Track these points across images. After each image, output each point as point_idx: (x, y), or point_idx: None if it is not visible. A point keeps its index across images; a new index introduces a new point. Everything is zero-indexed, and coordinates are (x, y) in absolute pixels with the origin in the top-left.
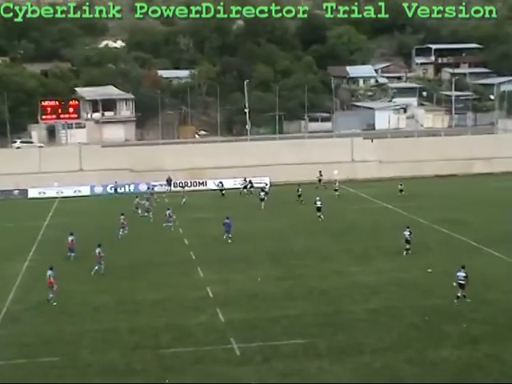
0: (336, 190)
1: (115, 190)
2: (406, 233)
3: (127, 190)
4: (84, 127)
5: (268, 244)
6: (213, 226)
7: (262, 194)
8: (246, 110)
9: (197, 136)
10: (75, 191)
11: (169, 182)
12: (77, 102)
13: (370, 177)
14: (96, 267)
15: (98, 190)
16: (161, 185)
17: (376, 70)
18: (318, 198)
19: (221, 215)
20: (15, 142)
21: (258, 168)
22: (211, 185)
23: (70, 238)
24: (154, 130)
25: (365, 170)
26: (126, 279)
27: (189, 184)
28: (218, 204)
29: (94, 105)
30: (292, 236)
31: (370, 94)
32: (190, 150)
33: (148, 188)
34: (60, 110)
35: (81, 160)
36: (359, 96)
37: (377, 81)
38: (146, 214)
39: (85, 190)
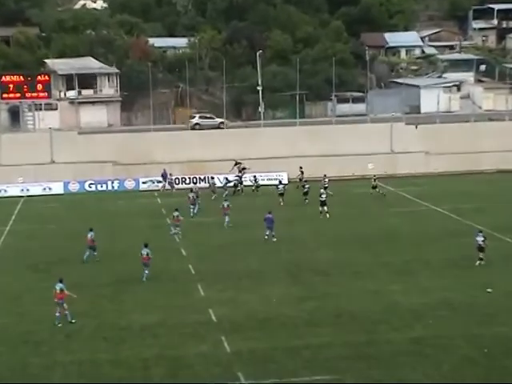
0: (375, 188)
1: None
2: (479, 238)
3: (109, 187)
4: (56, 109)
5: (285, 255)
6: (215, 232)
7: (281, 186)
8: (259, 89)
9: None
10: (45, 189)
11: (164, 177)
12: (47, 78)
13: (414, 172)
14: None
15: (74, 187)
16: (152, 181)
17: (422, 38)
18: (322, 191)
19: (223, 219)
20: None
21: (273, 161)
22: (215, 181)
23: (90, 235)
24: (143, 113)
25: (407, 163)
26: (107, 298)
27: (186, 180)
28: (219, 205)
29: (69, 81)
30: (315, 245)
31: (414, 67)
32: (188, 138)
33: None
34: (26, 88)
35: (52, 150)
36: (400, 71)
37: (423, 51)
38: None
39: (57, 188)
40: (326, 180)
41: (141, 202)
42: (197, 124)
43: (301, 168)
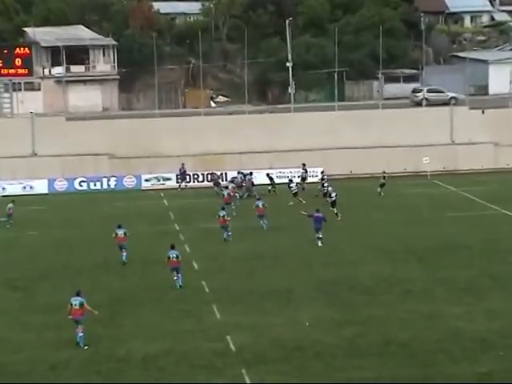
0: (382, 187)
1: None
2: None
3: (105, 186)
4: (39, 89)
5: (318, 269)
6: (233, 241)
7: (293, 185)
8: (289, 65)
9: (213, 104)
10: (25, 187)
11: (183, 174)
12: (27, 50)
13: (480, 168)
14: None
15: (61, 185)
16: (158, 179)
17: (491, 1)
18: (330, 189)
19: (241, 225)
20: None
21: (307, 153)
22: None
23: (121, 232)
24: (147, 95)
25: (472, 156)
26: (102, 322)
27: (199, 177)
28: (238, 208)
29: (55, 55)
30: (355, 257)
31: (481, 38)
32: (202, 125)
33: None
34: (1, 62)
35: (34, 140)
36: (464, 42)
37: (492, 18)
38: None
39: (40, 186)
40: (325, 177)
41: (143, 205)
42: (424, 99)
43: (304, 165)
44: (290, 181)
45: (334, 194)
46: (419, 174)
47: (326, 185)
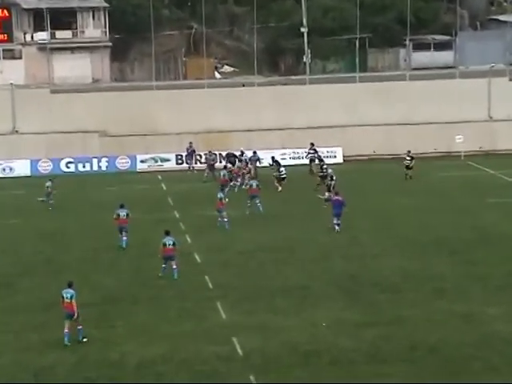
0: (409, 169)
1: None
2: None
3: (95, 167)
4: (20, 58)
5: (337, 263)
6: (241, 231)
7: (282, 168)
8: (304, 30)
9: (217, 75)
10: (4, 169)
11: (191, 154)
12: (6, 13)
13: None
14: None
15: (45, 167)
16: (155, 159)
17: None
18: (330, 171)
19: (249, 214)
20: None
21: (324, 132)
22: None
23: (123, 213)
24: (142, 65)
25: None
26: (92, 323)
27: (202, 158)
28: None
29: (38, 18)
30: (378, 249)
31: None
32: (205, 99)
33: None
34: None
35: (14, 115)
36: (504, 4)
37: None
38: None
39: (21, 168)
40: (312, 152)
41: (139, 189)
42: None
43: (312, 145)
44: (276, 161)
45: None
46: (452, 155)
47: (324, 167)
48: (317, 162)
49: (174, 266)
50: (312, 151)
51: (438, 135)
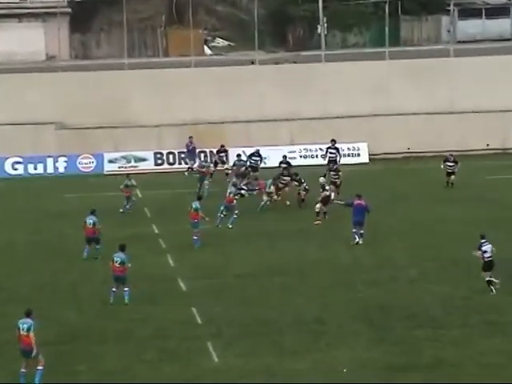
0: (450, 175)
1: None
2: None
3: (50, 169)
4: None
5: (361, 289)
6: (233, 249)
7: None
8: None
9: (208, 50)
10: None
11: (191, 152)
12: None
13: None
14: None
15: None
16: (127, 159)
17: None
18: (321, 180)
19: (248, 228)
20: None
21: (344, 123)
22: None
23: (90, 221)
24: (111, 37)
25: None
26: (48, 368)
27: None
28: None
29: None
30: (415, 272)
31: None
32: (192, 81)
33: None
34: None
35: None
36: None
37: None
38: None
39: None
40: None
41: (107, 197)
42: None
43: (334, 142)
44: (285, 159)
45: (327, 188)
46: (508, 153)
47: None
48: (338, 162)
49: (126, 289)
50: (333, 150)
51: (491, 127)
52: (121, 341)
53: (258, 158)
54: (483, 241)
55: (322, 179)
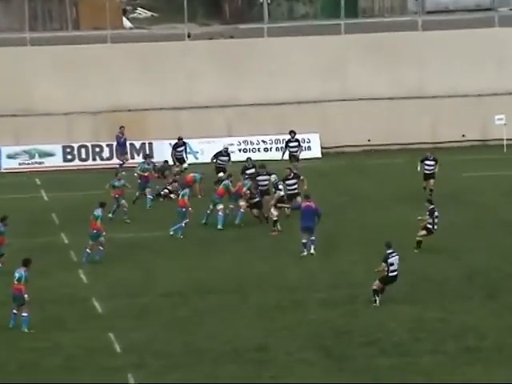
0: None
1: None
2: None
3: None
4: None
5: (312, 310)
6: (160, 262)
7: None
8: None
9: (127, 23)
10: None
11: (122, 145)
12: None
13: None
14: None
15: None
16: (30, 154)
17: None
18: (274, 179)
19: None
20: None
21: (291, 110)
22: (164, 153)
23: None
24: (9, 7)
25: None
26: None
27: (104, 150)
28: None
29: None
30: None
31: None
32: (108, 59)
33: None
34: None
35: None
36: None
37: None
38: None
39: None
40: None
41: (5, 200)
42: None
43: (293, 134)
44: (226, 151)
45: (280, 188)
46: (489, 145)
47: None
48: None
49: (24, 314)
50: (294, 143)
51: (467, 115)
52: (24, 375)
53: (225, 158)
54: (390, 251)
55: (273, 177)
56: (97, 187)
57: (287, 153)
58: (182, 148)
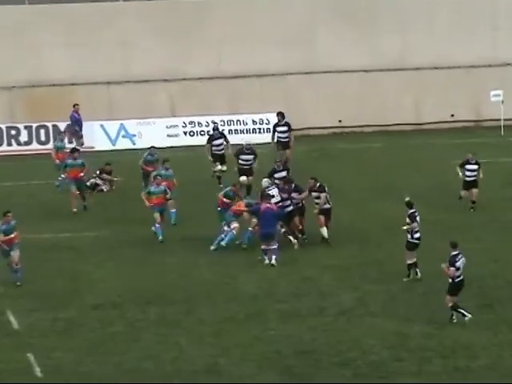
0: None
1: None
2: None
3: None
4: None
5: (271, 324)
6: (89, 268)
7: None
8: None
9: None
10: None
11: (78, 123)
12: None
13: None
14: None
15: None
16: None
17: None
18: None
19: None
20: None
21: (247, 85)
22: (94, 136)
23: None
24: None
25: None
26: None
27: (21, 133)
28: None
29: None
30: (352, 301)
31: None
32: (23, 23)
33: None
34: None
35: None
36: None
37: None
38: None
39: None
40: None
41: None
42: None
43: (282, 116)
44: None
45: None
46: (481, 126)
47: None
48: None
49: None
50: (284, 128)
51: (457, 90)
52: None
53: (250, 157)
54: (456, 252)
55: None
56: (12, 178)
57: (275, 139)
58: (221, 141)
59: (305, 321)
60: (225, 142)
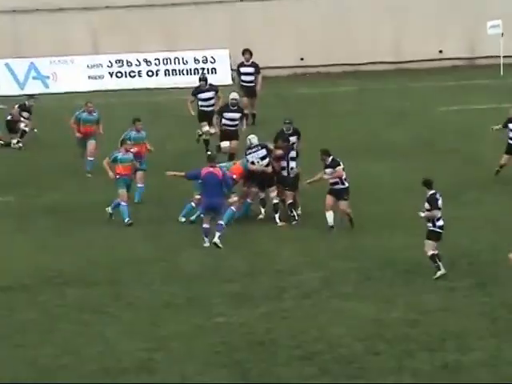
0: None
1: None
2: None
3: None
4: None
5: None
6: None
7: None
8: None
9: None
10: None
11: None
12: None
13: None
14: None
15: None
16: None
17: None
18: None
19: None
20: None
21: (182, 12)
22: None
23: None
24: None
25: None
26: None
27: None
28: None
29: None
30: (313, 276)
31: None
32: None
33: None
34: None
35: None
36: None
37: None
38: None
39: None
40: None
41: None
42: None
43: (249, 54)
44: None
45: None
46: (476, 64)
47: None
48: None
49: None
50: (250, 69)
51: (446, 20)
52: None
53: (237, 115)
54: (433, 191)
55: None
56: None
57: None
58: (211, 94)
59: (259, 306)
60: (216, 97)
